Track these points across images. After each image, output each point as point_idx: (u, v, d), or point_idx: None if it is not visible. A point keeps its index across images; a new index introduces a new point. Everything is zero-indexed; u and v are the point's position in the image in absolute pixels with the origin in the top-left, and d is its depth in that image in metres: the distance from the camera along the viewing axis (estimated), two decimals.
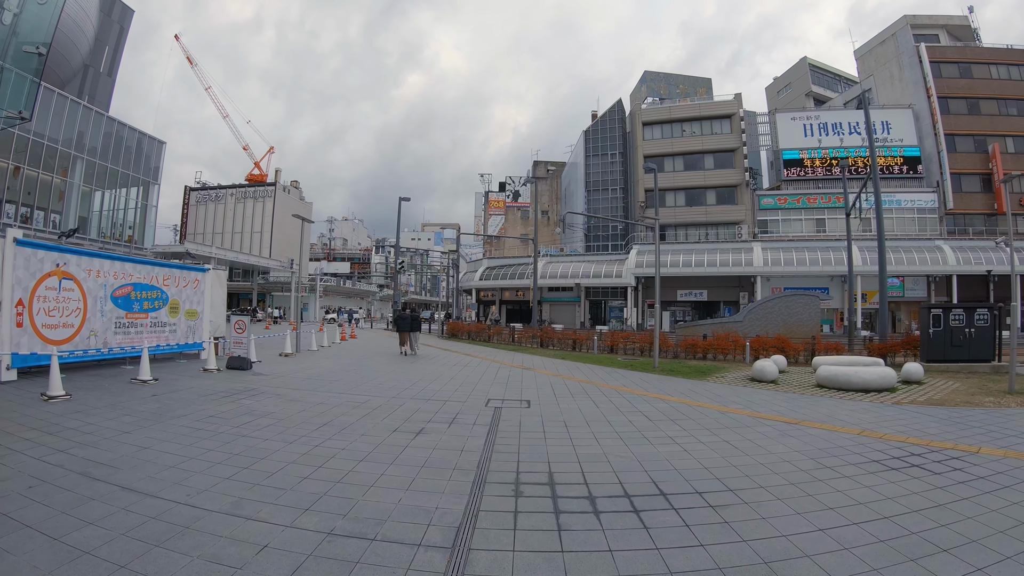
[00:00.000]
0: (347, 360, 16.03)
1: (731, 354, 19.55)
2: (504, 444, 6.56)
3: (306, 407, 8.49)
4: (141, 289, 12.70)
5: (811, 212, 49.23)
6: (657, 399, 10.26)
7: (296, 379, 11.50)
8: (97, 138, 38.66)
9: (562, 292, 48.86)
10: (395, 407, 8.65)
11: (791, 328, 24.46)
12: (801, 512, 4.53)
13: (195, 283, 14.39)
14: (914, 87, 47.93)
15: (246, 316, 12.91)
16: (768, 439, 7.16)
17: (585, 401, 9.80)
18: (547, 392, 10.73)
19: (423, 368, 14.28)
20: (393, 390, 10.39)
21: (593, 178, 56.88)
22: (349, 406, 8.63)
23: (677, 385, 12.34)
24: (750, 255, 44.83)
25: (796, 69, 67.10)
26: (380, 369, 13.86)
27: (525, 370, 14.40)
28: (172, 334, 13.65)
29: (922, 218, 45.84)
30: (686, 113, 53.87)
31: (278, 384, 10.76)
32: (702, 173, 52.43)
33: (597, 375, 13.76)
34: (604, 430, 7.55)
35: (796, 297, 28.12)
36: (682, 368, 15.82)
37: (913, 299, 42.36)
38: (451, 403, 9.14)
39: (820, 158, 49.27)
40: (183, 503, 4.48)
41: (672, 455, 6.34)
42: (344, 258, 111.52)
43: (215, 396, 9.27)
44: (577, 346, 21.56)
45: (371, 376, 12.32)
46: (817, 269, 42.83)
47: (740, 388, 12.01)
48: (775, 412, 9.10)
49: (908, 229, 46.07)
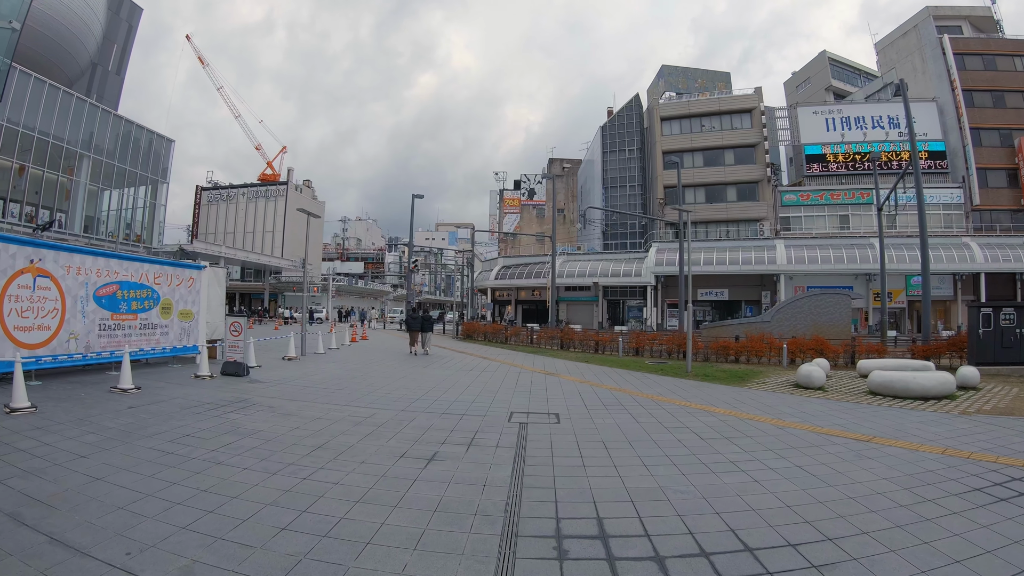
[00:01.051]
0: (355, 364, 14.87)
1: (765, 356, 18.23)
2: (536, 475, 5.32)
3: (300, 423, 7.30)
4: (128, 288, 11.62)
5: (834, 208, 47.71)
6: (701, 411, 8.99)
7: (295, 387, 10.34)
8: (104, 136, 37.96)
9: (579, 291, 47.54)
10: (404, 423, 7.44)
11: (821, 328, 23.28)
12: (928, 571, 3.45)
13: (190, 282, 13.30)
14: (938, 80, 46.39)
15: (243, 317, 11.76)
16: (845, 462, 6.01)
17: (621, 414, 8.54)
18: (576, 403, 9.48)
19: (437, 374, 13.08)
20: (402, 401, 9.19)
21: (611, 175, 55.48)
22: (351, 422, 7.44)
23: (717, 393, 11.06)
24: (773, 253, 43.36)
25: (815, 63, 65.28)
26: (390, 375, 12.68)
27: (548, 375, 13.15)
28: (164, 337, 12.56)
29: (947, 214, 44.27)
30: (705, 108, 52.45)
31: (274, 393, 9.60)
32: (722, 169, 50.94)
33: (627, 381, 12.48)
34: (652, 453, 6.30)
35: (826, 296, 26.68)
36: (717, 373, 14.53)
37: (939, 298, 40.72)
38: (469, 418, 7.92)
39: (843, 153, 47.70)
40: (117, 567, 3.32)
41: (743, 488, 5.10)
42: (358, 258, 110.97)
43: (200, 409, 8.13)
44: (600, 348, 20.28)
45: (379, 383, 11.13)
46: (842, 267, 41.37)
47: (787, 396, 10.81)
48: (838, 426, 7.94)
49: (934, 226, 44.30)
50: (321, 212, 77.17)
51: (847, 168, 47.30)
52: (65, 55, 43.56)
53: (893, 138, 46.85)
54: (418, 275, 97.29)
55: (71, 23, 42.30)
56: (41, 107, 33.46)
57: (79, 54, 45.10)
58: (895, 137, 46.82)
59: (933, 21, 46.97)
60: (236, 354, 11.44)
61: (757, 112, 51.11)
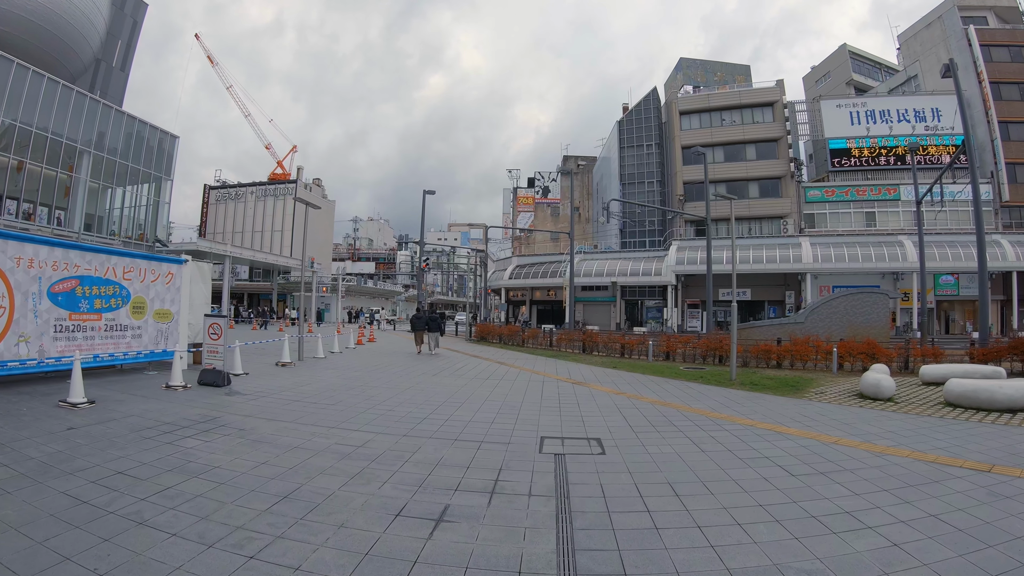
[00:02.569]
0: (356, 371, 13.20)
1: (810, 361, 16.49)
2: (592, 548, 3.61)
3: (272, 455, 5.64)
4: (91, 284, 10.06)
5: (860, 205, 45.86)
6: (771, 432, 7.30)
7: (280, 401, 8.69)
8: (105, 132, 36.70)
9: (596, 291, 45.73)
10: (405, 456, 5.74)
11: (857, 329, 21.71)
12: None
13: (168, 277, 11.72)
14: (964, 72, 44.36)
15: (223, 318, 10.13)
16: (984, 506, 4.57)
17: (677, 439, 6.83)
18: (618, 422, 7.76)
19: (448, 384, 11.38)
20: (406, 421, 7.51)
21: (628, 170, 53.57)
22: (336, 454, 5.75)
23: (775, 407, 9.37)
24: (798, 251, 41.57)
25: (835, 57, 63.25)
26: (394, 384, 10.98)
27: (576, 385, 11.41)
28: (136, 340, 10.99)
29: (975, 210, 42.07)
30: (725, 101, 50.56)
31: (252, 410, 7.96)
32: (743, 164, 49.00)
33: (668, 392, 10.74)
34: (740, 503, 4.58)
35: (863, 295, 24.92)
36: (764, 380, 12.79)
37: (968, 297, 39.11)
38: (489, 447, 6.21)
39: (868, 147, 45.79)
40: None
41: (887, 560, 3.53)
42: (369, 258, 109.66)
43: (153, 432, 6.51)
44: (626, 352, 18.50)
45: (381, 396, 9.45)
46: (870, 266, 39.62)
47: (857, 410, 9.17)
48: (939, 450, 6.45)
49: (962, 223, 42.47)
50: (331, 211, 75.85)
51: (874, 163, 45.37)
52: (68, 51, 42.54)
53: (920, 132, 45.00)
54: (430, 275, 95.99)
55: (73, 18, 41.23)
56: (39, 102, 32.24)
57: (82, 50, 44.06)
58: (922, 131, 45.00)
59: (958, 12, 45.12)
60: (216, 361, 9.81)
61: (779, 105, 49.25)
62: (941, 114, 44.96)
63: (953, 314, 40.78)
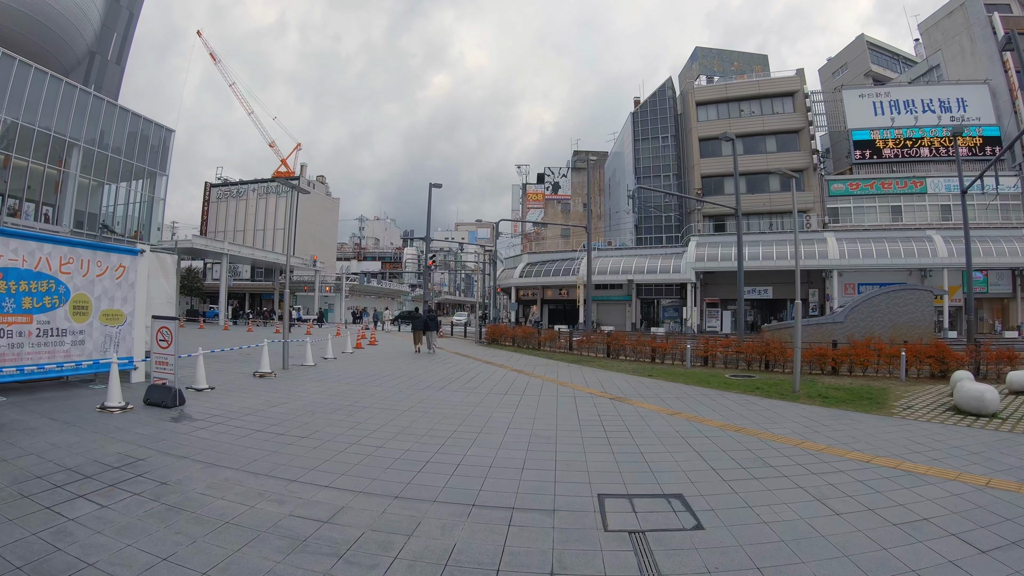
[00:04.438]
0: (347, 383, 11.06)
1: (871, 367, 14.40)
2: None
3: (181, 543, 3.55)
4: (18, 278, 8.05)
5: (885, 199, 43.63)
6: (895, 471, 5.52)
7: (237, 431, 6.60)
8: (96, 125, 34.84)
9: (610, 290, 43.51)
10: (393, 543, 3.61)
11: (900, 329, 19.85)
12: None
13: (119, 271, 9.67)
14: (988, 61, 42.72)
15: (173, 321, 8.08)
16: None
17: (789, 491, 4.76)
18: (693, 462, 5.65)
19: (458, 401, 9.23)
20: (401, 466, 5.39)
21: (643, 164, 51.32)
22: (285, 540, 3.64)
23: (870, 429, 7.48)
24: (823, 246, 39.41)
25: (852, 48, 60.98)
26: (391, 403, 8.85)
27: (616, 402, 9.29)
28: (77, 347, 8.97)
29: (1003, 204, 40.24)
30: (744, 91, 48.47)
31: (194, 447, 5.89)
32: (764, 156, 46.80)
33: (730, 410, 8.64)
34: None
35: (906, 292, 22.89)
36: (833, 392, 10.79)
37: (998, 295, 37.70)
38: (525, 516, 4.09)
39: (893, 139, 43.58)
40: None
41: None
42: (375, 257, 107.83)
43: (41, 485, 4.49)
44: (657, 356, 16.34)
45: (371, 422, 7.32)
46: (899, 261, 37.45)
47: (967, 431, 7.46)
48: None
49: (990, 216, 40.18)
50: (335, 208, 73.97)
51: (902, 155, 43.25)
52: (59, 43, 40.84)
53: (946, 123, 42.96)
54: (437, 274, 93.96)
55: (65, 8, 39.48)
56: (26, 93, 30.46)
57: (75, 42, 42.34)
58: (947, 122, 42.92)
59: None
60: (165, 374, 7.77)
61: (800, 95, 47.14)
62: (967, 104, 43.14)
63: (982, 312, 38.63)
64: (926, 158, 43.11)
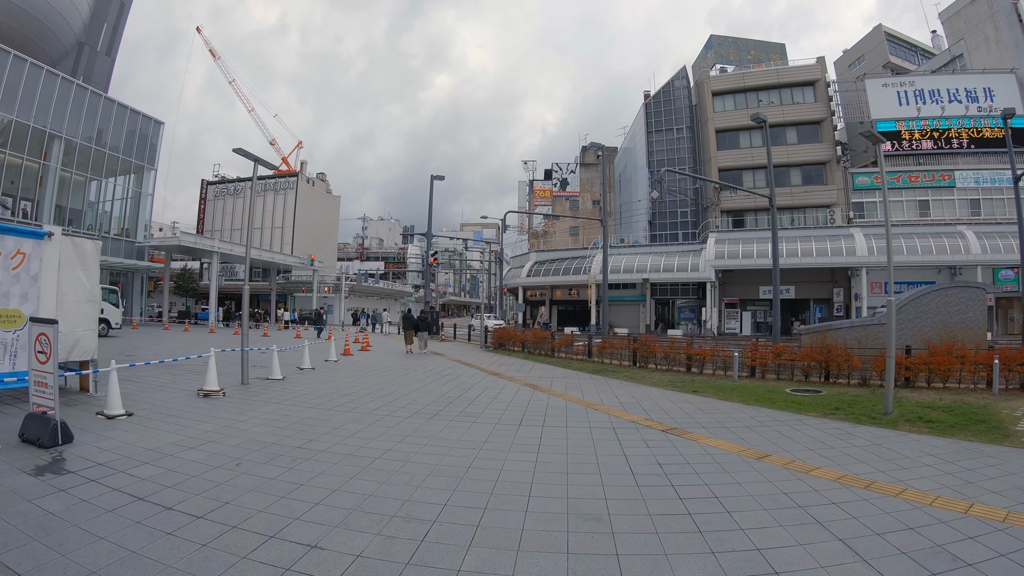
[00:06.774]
0: (312, 407, 8.60)
1: (954, 377, 12.09)
2: None
3: None
4: None
5: (913, 192, 41.20)
6: None
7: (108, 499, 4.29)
8: (79, 116, 32.76)
9: (623, 290, 41.11)
10: None
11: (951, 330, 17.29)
12: None
13: (16, 259, 7.40)
14: (1015, 49, 40.23)
15: (52, 326, 5.79)
16: None
17: None
18: (830, 557, 3.30)
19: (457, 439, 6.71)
20: None
21: (657, 157, 48.91)
22: None
23: None
24: (850, 243, 37.03)
25: (869, 39, 58.68)
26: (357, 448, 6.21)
27: (671, 435, 6.93)
28: None
29: None
30: (762, 80, 46.23)
31: (39, 526, 3.61)
32: (784, 149, 44.35)
33: (827, 445, 6.33)
34: None
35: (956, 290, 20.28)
36: (931, 414, 8.65)
37: None
38: None
39: (919, 130, 41.15)
40: None
41: None
42: (379, 257, 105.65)
43: None
44: (694, 364, 13.96)
45: (326, 480, 4.92)
46: (931, 258, 35.18)
47: None
48: None
49: None
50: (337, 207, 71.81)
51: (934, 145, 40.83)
52: (46, 32, 38.95)
53: (973, 113, 40.45)
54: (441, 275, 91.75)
55: None
56: (3, 81, 28.38)
57: (63, 32, 40.42)
58: (975, 112, 40.42)
59: None
60: (43, 399, 5.51)
61: (822, 84, 44.90)
62: (994, 94, 40.67)
63: (1012, 311, 36.24)
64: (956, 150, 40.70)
